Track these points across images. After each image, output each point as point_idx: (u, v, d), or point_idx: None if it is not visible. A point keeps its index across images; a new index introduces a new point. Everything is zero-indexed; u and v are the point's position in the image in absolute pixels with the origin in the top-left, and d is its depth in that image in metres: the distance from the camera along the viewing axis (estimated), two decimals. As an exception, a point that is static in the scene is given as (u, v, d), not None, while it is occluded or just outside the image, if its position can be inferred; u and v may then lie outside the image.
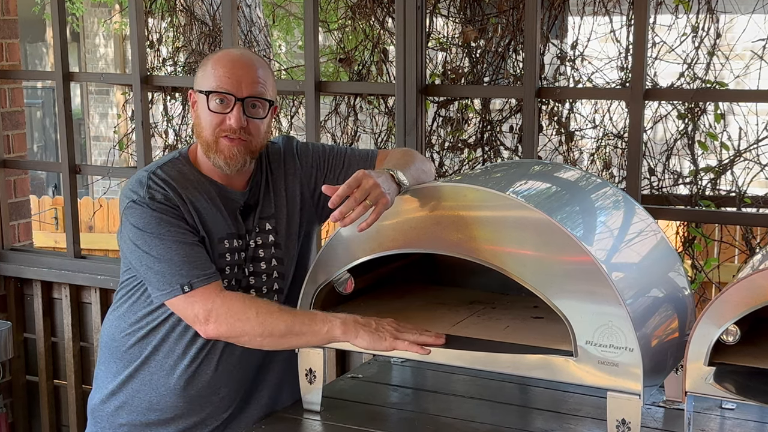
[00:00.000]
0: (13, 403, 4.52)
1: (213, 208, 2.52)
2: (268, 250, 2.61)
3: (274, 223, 2.62)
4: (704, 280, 4.06)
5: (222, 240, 2.53)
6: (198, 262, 2.42)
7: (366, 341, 2.35)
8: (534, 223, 2.21)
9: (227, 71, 2.46)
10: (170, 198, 2.46)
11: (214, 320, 2.40)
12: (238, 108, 2.45)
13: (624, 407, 2.16)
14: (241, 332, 2.41)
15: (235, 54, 2.55)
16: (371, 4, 4.53)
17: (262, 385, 2.68)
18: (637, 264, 2.43)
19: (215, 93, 2.46)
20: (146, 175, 2.50)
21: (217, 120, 2.47)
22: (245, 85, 2.46)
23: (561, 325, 2.20)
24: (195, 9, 5.35)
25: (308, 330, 2.39)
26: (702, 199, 3.95)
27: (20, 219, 4.54)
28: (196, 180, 2.53)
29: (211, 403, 2.60)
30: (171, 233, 2.43)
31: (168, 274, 2.42)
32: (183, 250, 2.42)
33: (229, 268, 2.54)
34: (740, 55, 4.20)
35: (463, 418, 2.55)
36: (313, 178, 2.69)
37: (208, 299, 2.40)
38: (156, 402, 2.59)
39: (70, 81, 4.26)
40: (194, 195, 2.50)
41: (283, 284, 2.64)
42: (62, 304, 4.35)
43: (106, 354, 2.68)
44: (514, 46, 4.23)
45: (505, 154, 4.36)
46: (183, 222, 2.46)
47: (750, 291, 2.09)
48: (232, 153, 2.48)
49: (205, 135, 2.49)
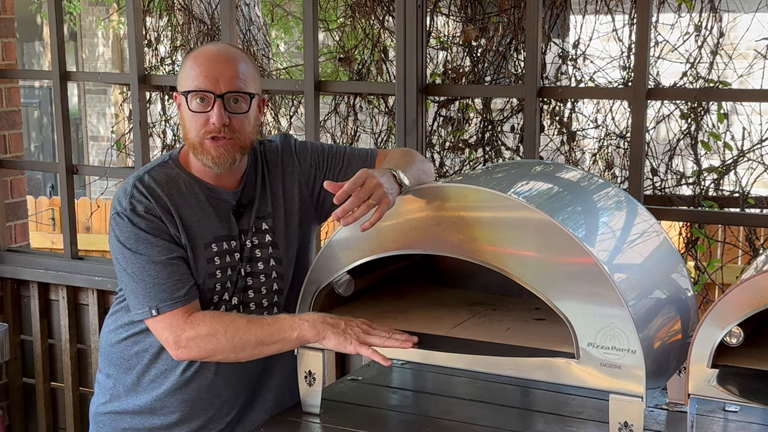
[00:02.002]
0: (9, 406, 4.52)
1: (201, 212, 2.50)
2: (265, 250, 2.59)
3: (271, 222, 2.60)
4: (707, 281, 4.06)
5: (210, 244, 2.50)
6: (169, 283, 2.42)
7: (333, 342, 2.36)
8: (535, 224, 2.21)
9: (204, 69, 2.43)
10: (151, 209, 2.45)
11: (184, 345, 2.42)
12: (218, 105, 2.41)
13: (626, 410, 2.15)
14: (213, 352, 2.43)
15: (211, 50, 2.51)
16: (371, 3, 4.53)
17: (266, 387, 2.67)
18: (639, 265, 2.42)
19: (194, 92, 2.43)
20: (132, 183, 2.49)
21: (201, 120, 2.43)
22: (223, 81, 2.42)
23: (563, 326, 2.19)
24: (193, 7, 5.35)
25: (278, 338, 2.40)
26: (705, 199, 3.95)
27: (17, 220, 4.54)
28: (184, 183, 2.51)
29: (213, 407, 2.59)
30: (147, 251, 2.43)
31: (141, 295, 2.43)
32: (155, 270, 2.42)
33: (220, 272, 2.52)
34: (744, 54, 4.20)
35: (463, 421, 2.54)
36: (311, 178, 2.67)
37: (176, 325, 2.42)
38: (158, 408, 2.58)
39: (68, 80, 4.25)
40: (180, 201, 2.49)
41: (283, 285, 2.62)
42: (59, 305, 4.34)
43: (106, 360, 2.66)
44: (516, 45, 4.23)
45: (506, 155, 4.36)
46: (163, 235, 2.44)
47: (753, 292, 2.07)
48: (219, 153, 2.45)
49: (191, 137, 2.47)
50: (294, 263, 2.65)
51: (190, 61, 2.47)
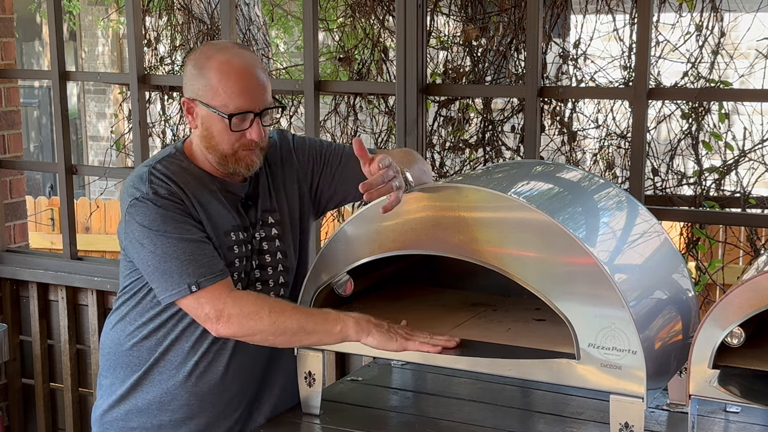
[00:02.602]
0: (9, 407, 4.51)
1: (216, 202, 2.50)
2: (272, 243, 2.60)
3: (277, 216, 2.62)
4: (708, 281, 4.06)
5: (228, 233, 2.51)
6: (205, 259, 2.39)
7: (377, 340, 2.34)
8: (536, 225, 2.20)
9: (241, 87, 2.41)
10: (174, 192, 2.43)
11: (226, 320, 2.37)
12: (257, 123, 2.44)
13: (627, 410, 2.14)
14: (254, 331, 2.39)
15: (237, 64, 2.44)
16: (371, 3, 4.52)
17: (273, 382, 2.66)
18: (640, 266, 2.42)
19: (238, 115, 2.42)
20: (147, 170, 2.47)
21: (237, 135, 2.44)
22: (259, 99, 2.44)
23: (563, 327, 2.18)
24: (193, 7, 5.35)
25: (321, 329, 2.38)
26: (706, 199, 3.95)
27: (16, 220, 4.54)
28: (196, 174, 2.51)
29: (222, 402, 2.58)
30: (177, 230, 2.39)
31: (175, 274, 2.38)
32: (189, 248, 2.39)
33: (238, 261, 2.52)
34: (745, 54, 4.19)
35: (464, 422, 2.54)
36: (309, 173, 2.69)
37: (218, 299, 2.37)
38: (167, 402, 2.57)
39: (67, 80, 4.25)
40: (197, 189, 2.48)
41: (288, 278, 2.63)
42: (58, 306, 4.34)
43: (110, 361, 2.64)
44: (516, 44, 4.23)
45: (506, 155, 4.35)
46: (189, 217, 2.43)
47: (755, 293, 2.07)
48: (252, 161, 2.49)
49: (223, 149, 2.46)
50: (297, 257, 2.66)
51: (217, 74, 2.42)
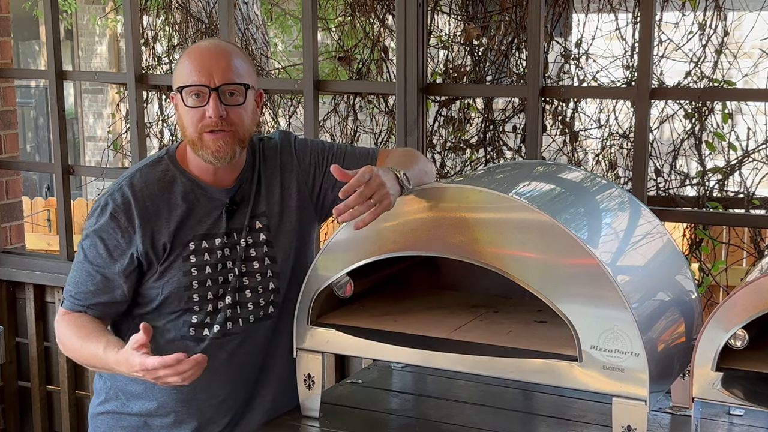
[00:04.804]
0: (5, 410, 4.50)
1: (191, 209, 2.52)
2: (260, 249, 2.58)
3: (266, 221, 2.59)
4: (711, 283, 4.05)
5: (188, 243, 2.51)
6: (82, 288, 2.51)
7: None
8: (537, 225, 2.20)
9: (197, 63, 2.45)
10: (118, 218, 2.49)
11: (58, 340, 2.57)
12: (213, 98, 2.43)
13: (630, 413, 2.14)
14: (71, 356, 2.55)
15: (203, 45, 2.54)
16: (371, 2, 4.53)
17: (265, 388, 2.65)
18: (642, 267, 2.42)
19: (188, 87, 2.44)
20: (117, 186, 2.53)
21: (197, 115, 2.45)
22: (217, 74, 2.43)
23: (565, 329, 2.18)
24: (191, 6, 5.35)
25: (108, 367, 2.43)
26: (709, 200, 3.95)
27: (12, 221, 4.53)
28: (175, 181, 2.53)
29: (210, 408, 2.58)
30: (90, 254, 2.50)
31: (70, 285, 2.55)
32: (82, 272, 2.51)
33: (213, 268, 2.52)
34: (748, 54, 4.20)
35: (464, 425, 2.54)
36: (311, 177, 2.66)
37: (58, 321, 2.55)
38: (154, 407, 2.58)
39: (64, 80, 4.25)
40: (162, 202, 2.50)
41: (280, 284, 2.61)
42: (55, 307, 4.32)
43: None
44: (517, 44, 4.23)
45: (508, 155, 4.36)
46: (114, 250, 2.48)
47: (758, 294, 2.07)
48: (218, 146, 2.46)
49: (189, 133, 2.48)
50: (293, 262, 2.64)
51: (184, 58, 2.50)
